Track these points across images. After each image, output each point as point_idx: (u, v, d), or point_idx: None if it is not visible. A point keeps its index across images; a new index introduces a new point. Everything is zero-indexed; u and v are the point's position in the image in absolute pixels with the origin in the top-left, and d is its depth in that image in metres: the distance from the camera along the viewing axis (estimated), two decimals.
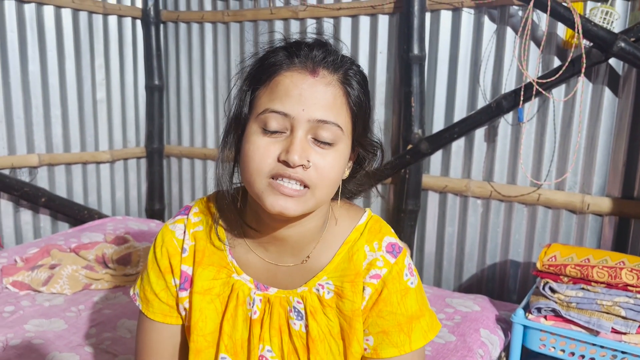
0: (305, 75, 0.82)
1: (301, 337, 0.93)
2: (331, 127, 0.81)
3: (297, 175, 0.80)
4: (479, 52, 2.38)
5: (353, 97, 0.84)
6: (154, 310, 0.98)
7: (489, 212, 2.44)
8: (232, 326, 0.94)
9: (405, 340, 0.93)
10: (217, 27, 3.08)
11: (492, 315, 1.99)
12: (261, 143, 0.82)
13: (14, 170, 2.66)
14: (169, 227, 0.99)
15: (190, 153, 3.30)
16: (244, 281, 0.94)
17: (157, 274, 0.97)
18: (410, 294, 0.93)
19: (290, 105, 0.80)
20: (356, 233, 0.95)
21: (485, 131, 2.40)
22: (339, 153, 0.84)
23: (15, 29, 2.61)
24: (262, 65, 0.86)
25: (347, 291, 0.92)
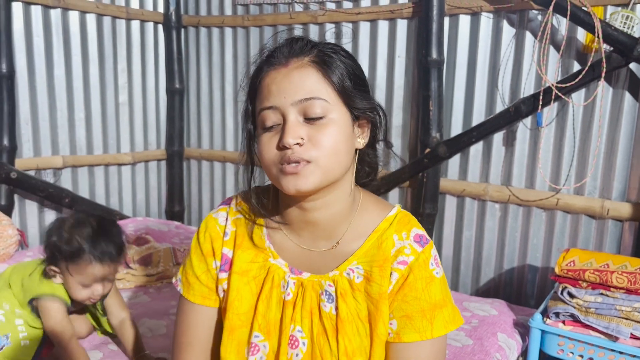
0: (279, 69, 0.91)
1: (331, 318, 0.98)
2: (315, 101, 0.89)
3: (295, 155, 0.88)
4: (497, 56, 2.38)
5: (331, 71, 0.91)
6: (194, 292, 1.05)
7: (507, 217, 2.44)
8: (266, 307, 0.99)
9: (427, 327, 0.96)
10: (237, 32, 3.12)
11: (509, 320, 1.99)
12: (264, 140, 0.92)
13: (39, 171, 2.73)
14: (212, 215, 1.08)
15: (210, 155, 3.34)
16: (279, 265, 1.01)
17: (200, 257, 1.05)
18: (435, 283, 0.98)
19: (273, 98, 0.91)
20: (386, 223, 1.01)
21: (503, 135, 2.40)
22: (333, 122, 0.91)
23: (41, 33, 2.68)
24: (250, 80, 0.97)
25: (376, 275, 0.97)
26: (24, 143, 2.66)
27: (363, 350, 0.97)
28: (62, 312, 1.52)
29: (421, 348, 0.97)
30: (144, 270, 2.28)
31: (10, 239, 2.30)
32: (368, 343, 0.98)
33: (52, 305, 1.51)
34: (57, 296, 1.52)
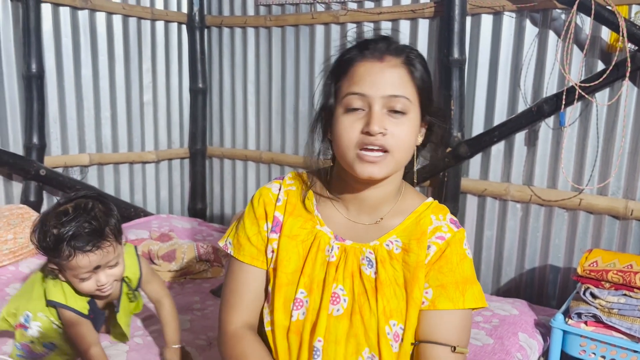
0: (374, 62, 1.01)
1: (370, 281, 1.06)
2: (400, 99, 0.99)
3: (378, 142, 0.97)
4: (520, 55, 2.37)
5: (416, 75, 1.02)
6: (244, 252, 1.12)
7: (528, 217, 2.43)
8: (311, 267, 1.08)
9: (459, 298, 1.05)
10: (259, 32, 3.16)
11: (530, 320, 1.98)
12: (347, 122, 1.00)
13: (67, 169, 2.80)
14: (266, 186, 1.18)
15: (232, 154, 3.38)
16: (325, 232, 1.10)
17: (252, 220, 1.14)
18: (467, 261, 1.08)
19: (365, 87, 0.99)
20: (424, 206, 1.13)
21: (525, 135, 2.39)
22: (410, 121, 1.01)
23: (69, 34, 2.75)
24: (341, 62, 1.06)
25: (413, 246, 1.07)
26: (53, 141, 2.73)
27: (400, 312, 1.05)
28: (74, 321, 1.43)
29: (453, 316, 1.05)
30: (168, 266, 2.33)
31: None
32: (404, 307, 1.05)
33: (64, 314, 1.44)
34: (68, 306, 1.43)
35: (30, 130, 2.59)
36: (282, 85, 3.11)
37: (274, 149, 3.21)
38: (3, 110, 2.54)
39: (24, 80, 2.56)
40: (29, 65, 2.53)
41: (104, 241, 1.36)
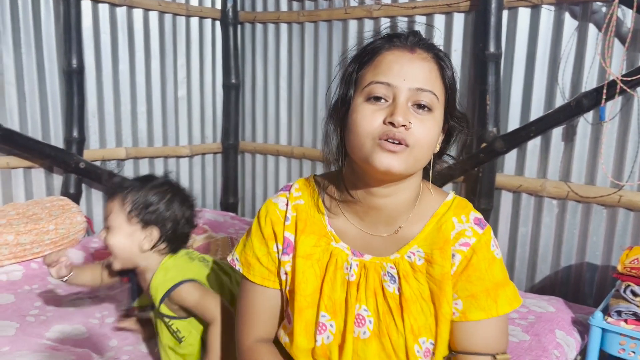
0: (405, 52, 0.94)
1: (394, 298, 1.01)
2: (428, 94, 0.92)
3: (400, 134, 0.90)
4: (558, 49, 2.33)
5: (446, 72, 0.96)
6: (255, 273, 1.09)
7: (565, 213, 2.39)
8: (331, 288, 1.03)
9: (492, 305, 0.99)
10: (292, 27, 3.17)
11: (567, 317, 1.96)
12: (367, 111, 0.93)
13: (104, 162, 2.86)
14: (272, 200, 1.11)
15: (264, 149, 3.41)
16: (341, 248, 1.04)
17: (260, 240, 1.09)
18: (497, 263, 1.02)
19: (393, 77, 0.93)
20: (444, 207, 1.04)
21: (563, 130, 2.35)
22: (434, 119, 0.94)
23: (108, 30, 2.80)
24: (366, 50, 0.98)
25: (437, 257, 1.00)
26: (91, 135, 2.80)
27: (428, 328, 1.00)
28: None
29: (487, 325, 1.00)
30: None
31: (79, 225, 2.42)
32: (433, 322, 1.00)
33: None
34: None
35: (70, 124, 2.65)
36: (315, 81, 3.12)
37: (306, 144, 3.23)
38: (45, 104, 2.61)
39: (64, 76, 2.63)
40: (70, 61, 2.60)
41: (113, 196, 1.41)
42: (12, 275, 2.13)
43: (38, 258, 2.26)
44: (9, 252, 2.15)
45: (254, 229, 1.11)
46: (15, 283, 2.08)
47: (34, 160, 2.56)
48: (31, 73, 2.54)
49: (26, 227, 2.21)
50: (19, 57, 2.49)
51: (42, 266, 2.24)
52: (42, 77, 2.59)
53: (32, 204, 2.44)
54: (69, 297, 1.99)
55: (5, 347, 1.42)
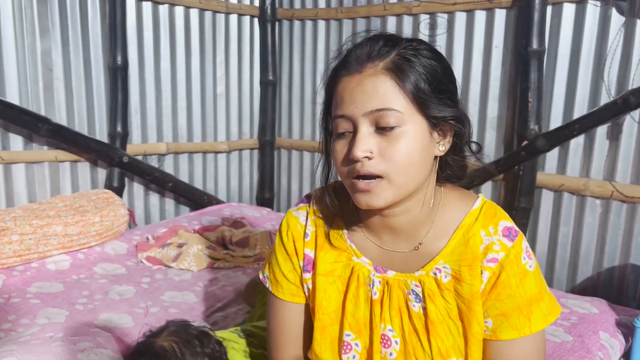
0: (353, 75, 0.88)
1: (420, 318, 0.96)
2: (387, 112, 0.85)
3: (365, 169, 0.86)
4: (604, 46, 2.28)
5: (406, 79, 0.85)
6: (283, 291, 1.07)
7: (608, 213, 2.34)
8: (354, 305, 1.00)
9: (524, 323, 0.93)
10: (330, 24, 3.18)
11: (611, 319, 1.92)
12: (338, 148, 0.91)
13: (146, 157, 2.93)
14: (292, 213, 1.08)
15: (300, 146, 3.43)
16: (363, 263, 1.00)
17: (285, 256, 1.07)
18: (529, 277, 0.94)
19: (346, 107, 0.88)
20: (471, 217, 0.96)
21: (608, 128, 2.30)
22: (406, 134, 0.86)
23: (150, 28, 2.87)
24: (328, 83, 0.95)
25: (465, 275, 0.94)
26: (134, 130, 2.87)
27: (457, 348, 0.96)
28: None
29: (520, 344, 0.95)
30: (242, 252, 2.41)
31: (122, 217, 2.49)
32: (462, 342, 0.96)
33: None
34: None
35: (114, 120, 2.73)
36: None
37: None
38: (91, 100, 2.69)
39: (109, 72, 2.70)
40: (115, 58, 2.67)
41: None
42: (60, 265, 2.21)
43: (84, 249, 2.33)
44: (58, 243, 2.22)
45: (277, 245, 1.09)
46: (63, 272, 2.16)
47: (80, 154, 2.65)
48: (78, 70, 2.62)
49: (73, 219, 2.28)
50: (67, 54, 2.57)
51: (89, 256, 2.31)
52: (89, 73, 2.66)
53: (78, 196, 2.52)
54: (114, 287, 2.05)
55: (59, 334, 1.48)
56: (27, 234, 2.14)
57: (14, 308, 1.82)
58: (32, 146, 2.52)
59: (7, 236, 2.08)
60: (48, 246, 2.20)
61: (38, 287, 2.00)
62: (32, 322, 1.72)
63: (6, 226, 2.11)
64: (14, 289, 1.97)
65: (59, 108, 2.58)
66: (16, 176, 2.48)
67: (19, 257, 2.12)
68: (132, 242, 2.51)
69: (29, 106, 2.46)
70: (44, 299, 1.90)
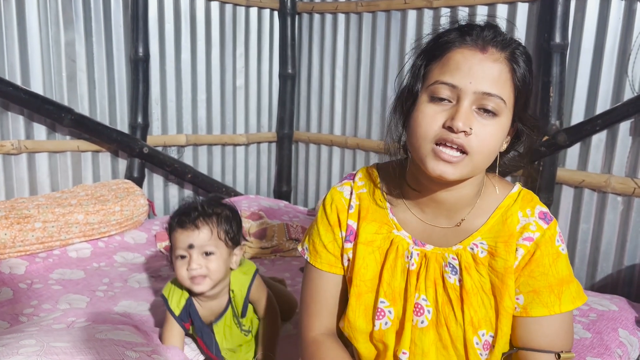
0: (475, 52, 0.90)
1: (455, 289, 1.00)
2: (495, 99, 0.89)
3: (459, 140, 0.88)
4: (628, 40, 2.24)
5: (518, 75, 0.91)
6: (322, 260, 1.10)
7: (630, 210, 2.30)
8: (391, 275, 1.04)
9: (555, 302, 0.97)
10: (349, 18, 3.18)
11: (631, 317, 1.90)
12: (429, 111, 0.91)
13: (166, 148, 2.96)
14: (337, 188, 1.13)
15: (318, 139, 3.44)
16: (403, 237, 1.05)
17: (327, 227, 1.11)
18: (562, 259, 0.99)
19: (459, 78, 0.89)
20: (510, 200, 1.02)
21: (631, 124, 2.26)
22: (500, 125, 0.91)
23: (172, 20, 2.89)
24: (437, 43, 0.95)
25: (501, 250, 0.98)
26: (154, 121, 2.90)
27: (488, 321, 0.99)
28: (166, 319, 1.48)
29: (549, 322, 0.98)
30: (259, 243, 2.42)
31: (142, 207, 2.53)
32: (493, 315, 0.99)
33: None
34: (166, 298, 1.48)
35: (135, 111, 2.76)
36: (371, 71, 3.12)
37: (360, 134, 3.23)
38: (112, 91, 2.73)
39: (131, 64, 2.73)
40: (137, 50, 2.70)
41: (202, 219, 1.38)
42: (81, 253, 2.25)
43: (104, 237, 2.37)
44: (79, 231, 2.27)
45: (319, 216, 1.13)
46: (84, 260, 2.20)
47: (101, 144, 2.68)
48: (101, 61, 2.66)
49: (94, 208, 2.32)
50: (89, 46, 2.61)
51: (109, 245, 2.35)
52: (111, 64, 2.70)
53: (99, 186, 2.56)
54: (133, 275, 2.08)
55: (81, 319, 1.51)
56: (49, 221, 2.18)
57: (37, 293, 1.86)
58: (55, 136, 2.56)
59: (30, 223, 2.13)
60: (70, 234, 2.24)
61: (60, 274, 2.05)
62: (54, 308, 1.76)
63: (29, 214, 2.15)
64: (36, 275, 2.02)
65: (82, 99, 2.62)
66: (40, 165, 2.53)
67: (41, 244, 2.17)
68: (151, 232, 2.55)
69: (53, 96, 2.50)
70: (65, 285, 1.94)
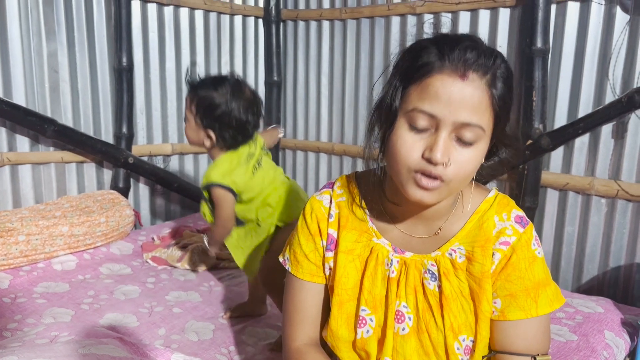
0: (455, 79, 0.86)
1: (435, 295, 1.00)
2: (474, 128, 0.87)
3: (437, 172, 0.87)
4: (608, 44, 2.27)
5: (497, 98, 0.88)
6: (303, 270, 1.10)
7: (614, 212, 2.33)
8: (371, 283, 1.04)
9: (532, 305, 0.98)
10: (334, 25, 3.19)
11: (616, 318, 1.91)
12: (408, 139, 0.90)
13: (151, 157, 2.95)
14: (316, 197, 1.13)
15: (305, 146, 3.44)
16: (382, 244, 1.05)
17: (307, 236, 1.11)
18: (538, 263, 0.99)
19: (438, 108, 0.86)
20: (486, 204, 1.02)
21: (613, 127, 2.29)
22: (478, 150, 0.90)
23: (155, 29, 2.88)
24: (415, 65, 0.90)
25: (478, 255, 0.99)
26: (139, 131, 2.89)
27: (468, 326, 1.00)
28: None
29: (526, 325, 0.99)
30: None
31: (127, 218, 2.51)
32: (473, 319, 1.00)
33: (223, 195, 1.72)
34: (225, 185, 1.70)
35: (120, 121, 2.74)
36: (356, 78, 3.13)
37: (346, 141, 3.24)
38: (96, 101, 2.71)
39: (115, 73, 2.72)
40: (120, 59, 2.68)
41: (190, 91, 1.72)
42: (66, 265, 2.22)
43: (90, 249, 2.35)
44: (64, 243, 2.24)
45: (299, 226, 1.13)
46: (69, 272, 2.17)
47: (86, 155, 2.66)
48: (84, 71, 2.64)
49: (79, 219, 2.30)
50: (72, 56, 2.59)
51: (94, 256, 2.33)
52: (94, 74, 2.68)
53: (84, 197, 2.54)
54: (119, 287, 2.07)
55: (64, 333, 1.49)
56: (33, 234, 2.15)
57: (20, 308, 1.84)
58: (39, 147, 2.54)
59: (13, 237, 2.10)
60: (54, 246, 2.22)
61: (44, 287, 2.02)
62: (38, 322, 1.74)
63: (13, 227, 2.13)
64: (20, 289, 1.99)
65: (65, 109, 2.60)
66: (23, 177, 2.50)
67: (25, 257, 2.14)
68: (137, 243, 2.53)
69: (36, 107, 2.48)
70: (50, 299, 1.92)
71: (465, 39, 0.89)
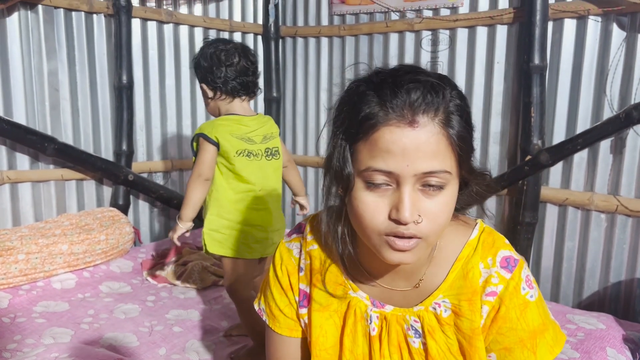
0: (404, 129, 0.76)
1: (421, 354, 0.93)
2: (439, 174, 0.77)
3: (410, 231, 0.78)
4: (605, 61, 2.29)
5: (456, 136, 0.78)
6: (280, 325, 1.02)
7: (614, 227, 2.33)
8: (352, 341, 0.96)
9: (529, 356, 0.89)
10: (332, 41, 3.21)
11: (618, 335, 1.91)
12: (368, 200, 0.80)
13: (151, 174, 2.95)
14: (285, 245, 1.02)
15: (304, 162, 3.45)
16: (360, 298, 0.96)
17: (280, 291, 1.02)
18: (531, 308, 0.89)
19: (393, 163, 0.77)
20: (469, 249, 0.91)
21: (611, 142, 2.30)
22: (448, 194, 0.81)
23: (155, 47, 2.90)
24: (356, 119, 0.80)
25: (465, 310, 0.90)
26: (139, 148, 2.89)
27: None
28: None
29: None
30: None
31: (127, 235, 2.50)
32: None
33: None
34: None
35: (120, 138, 2.75)
36: None
37: None
38: (96, 118, 2.72)
39: (115, 91, 2.73)
40: (120, 77, 2.70)
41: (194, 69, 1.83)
42: (66, 284, 2.22)
43: (90, 267, 2.34)
44: (63, 261, 2.24)
45: (271, 279, 1.03)
46: (69, 291, 2.17)
47: (86, 172, 2.67)
48: (84, 89, 2.65)
49: (79, 237, 2.29)
50: (73, 74, 2.61)
51: (94, 274, 2.32)
52: (95, 92, 2.70)
53: (84, 214, 2.54)
54: (119, 305, 2.06)
55: (64, 354, 1.48)
56: (33, 252, 2.15)
57: (20, 328, 1.83)
58: (39, 165, 2.54)
59: (13, 255, 2.10)
60: (54, 265, 2.21)
61: (44, 307, 2.01)
62: (38, 342, 1.73)
63: (12, 245, 2.12)
64: (19, 308, 1.98)
65: (65, 127, 2.60)
66: (23, 195, 2.50)
67: (24, 276, 2.13)
68: (137, 260, 2.52)
69: (36, 126, 2.48)
70: (49, 319, 1.91)
71: (405, 76, 0.79)
